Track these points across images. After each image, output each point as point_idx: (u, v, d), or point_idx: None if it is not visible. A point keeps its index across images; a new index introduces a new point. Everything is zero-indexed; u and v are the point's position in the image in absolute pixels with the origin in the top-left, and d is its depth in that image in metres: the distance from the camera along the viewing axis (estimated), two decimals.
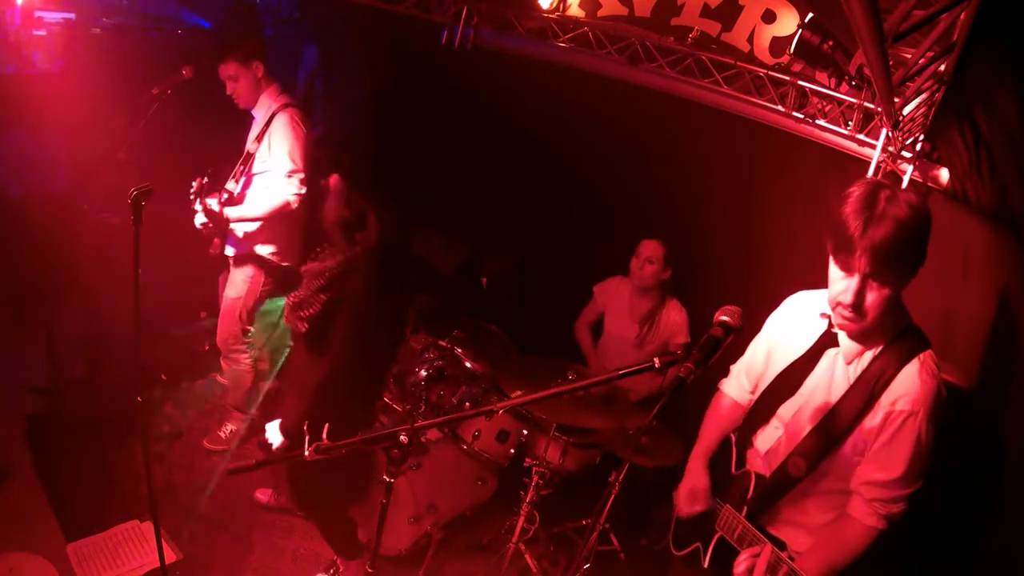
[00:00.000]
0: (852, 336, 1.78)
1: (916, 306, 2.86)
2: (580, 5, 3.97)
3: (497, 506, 3.43)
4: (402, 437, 1.52)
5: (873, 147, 3.01)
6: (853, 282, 1.64)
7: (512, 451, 3.40)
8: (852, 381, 1.79)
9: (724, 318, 1.48)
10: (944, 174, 2.81)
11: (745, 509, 1.96)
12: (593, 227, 4.49)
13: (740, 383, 2.20)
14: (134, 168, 3.29)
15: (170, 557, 2.84)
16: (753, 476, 1.98)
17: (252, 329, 3.72)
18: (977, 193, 2.44)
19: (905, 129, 2.63)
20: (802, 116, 3.29)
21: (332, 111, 5.51)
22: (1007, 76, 1.86)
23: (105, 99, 3.97)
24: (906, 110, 2.38)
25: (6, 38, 4.22)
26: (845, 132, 3.15)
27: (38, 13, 4.36)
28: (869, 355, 1.78)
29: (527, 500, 3.15)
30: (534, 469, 3.16)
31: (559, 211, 4.59)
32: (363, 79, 5.31)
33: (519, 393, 3.21)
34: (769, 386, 2.00)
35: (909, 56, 1.96)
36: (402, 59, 4.95)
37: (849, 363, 1.81)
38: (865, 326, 1.71)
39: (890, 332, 1.77)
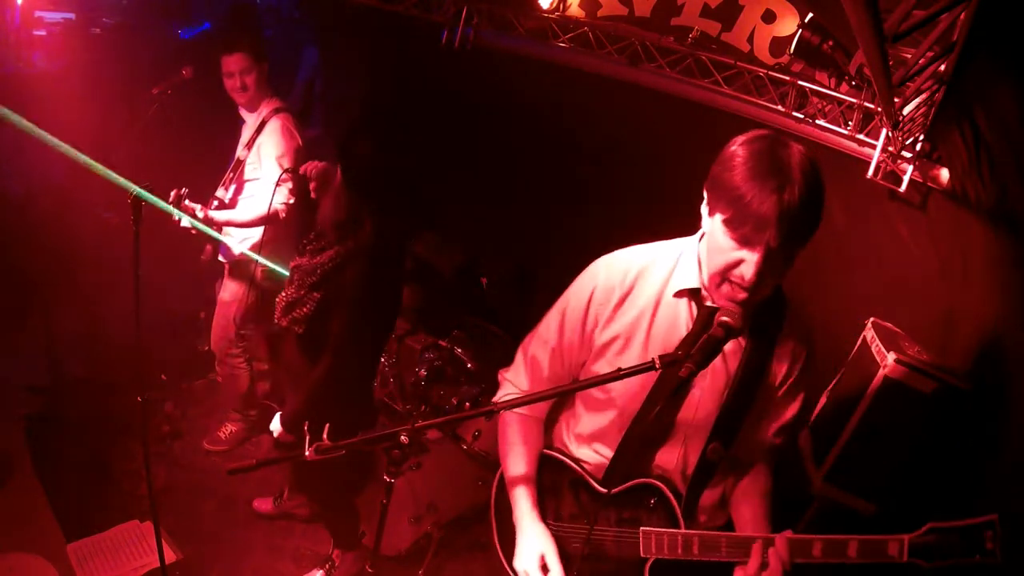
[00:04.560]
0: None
1: (916, 306, 2.87)
2: (580, 5, 3.97)
3: None
4: (403, 437, 1.52)
5: (873, 147, 3.01)
6: (755, 256, 1.41)
7: None
8: (743, 347, 1.63)
9: (724, 319, 1.46)
10: (944, 174, 2.81)
11: (682, 522, 1.68)
12: (593, 226, 4.48)
13: (523, 391, 1.83)
14: (134, 168, 3.29)
15: (170, 557, 2.85)
16: (662, 485, 1.70)
17: (246, 333, 3.71)
18: (977, 193, 2.44)
19: (905, 129, 2.63)
20: (802, 116, 3.29)
21: (331, 112, 5.52)
22: (1007, 76, 1.86)
23: (105, 99, 3.97)
24: (906, 110, 2.38)
25: (6, 38, 4.22)
26: (845, 132, 3.15)
27: (38, 13, 4.37)
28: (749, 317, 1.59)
29: None
30: None
31: (559, 210, 4.59)
32: (363, 80, 5.31)
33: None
34: (654, 401, 1.63)
35: (909, 56, 1.96)
36: (402, 60, 4.95)
37: None
38: (755, 300, 1.51)
39: None
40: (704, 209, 1.53)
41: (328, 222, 2.48)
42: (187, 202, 3.19)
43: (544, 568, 1.69)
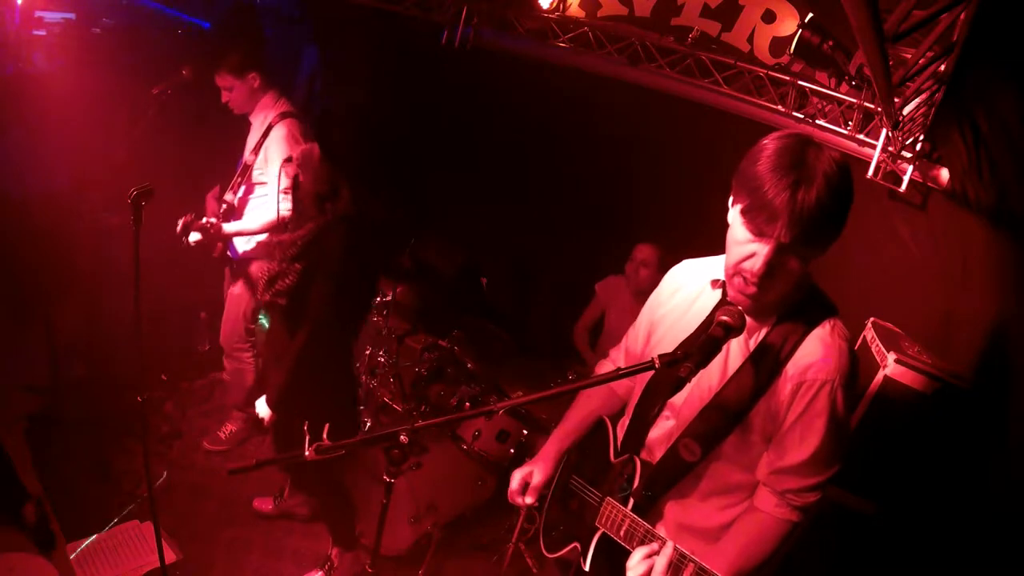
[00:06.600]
0: (747, 309, 1.53)
1: (916, 306, 2.87)
2: (580, 5, 3.97)
3: (497, 506, 3.43)
4: (402, 437, 1.52)
5: (873, 147, 3.01)
6: (765, 249, 1.41)
7: (512, 451, 3.40)
8: (751, 352, 1.59)
9: (724, 318, 1.46)
10: (944, 174, 2.81)
11: (631, 502, 1.71)
12: (592, 226, 4.49)
13: (617, 365, 1.98)
14: (134, 168, 3.29)
15: (170, 557, 2.85)
16: (638, 463, 1.75)
17: (255, 327, 3.72)
18: (977, 193, 2.44)
19: (905, 129, 2.63)
20: (802, 116, 3.29)
21: (331, 112, 5.51)
22: (1007, 76, 1.86)
23: (105, 99, 3.96)
24: (906, 110, 2.39)
25: (6, 38, 4.21)
26: (845, 132, 3.15)
27: (38, 13, 4.35)
28: (768, 324, 1.59)
29: None
30: None
31: (559, 210, 4.59)
32: (363, 79, 5.31)
33: (519, 393, 3.20)
34: (656, 392, 1.76)
35: (909, 56, 1.96)
36: (402, 59, 4.95)
37: (750, 336, 1.60)
38: (765, 300, 1.50)
39: (791, 301, 1.56)
40: (730, 200, 1.54)
41: (308, 196, 2.60)
42: (201, 220, 3.24)
43: (523, 492, 1.88)
